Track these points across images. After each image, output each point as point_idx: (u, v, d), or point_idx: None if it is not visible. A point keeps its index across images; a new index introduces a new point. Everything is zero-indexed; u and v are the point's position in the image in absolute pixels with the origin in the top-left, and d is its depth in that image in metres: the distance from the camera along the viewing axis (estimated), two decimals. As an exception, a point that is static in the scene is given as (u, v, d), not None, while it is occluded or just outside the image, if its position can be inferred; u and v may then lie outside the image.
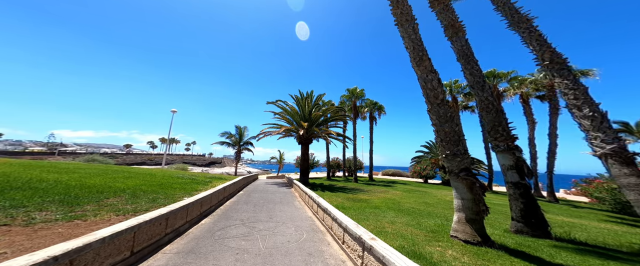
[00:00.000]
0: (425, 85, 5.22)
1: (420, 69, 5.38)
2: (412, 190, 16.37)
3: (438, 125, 4.74)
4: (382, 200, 10.43)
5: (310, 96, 17.35)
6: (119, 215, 4.67)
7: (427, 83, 5.16)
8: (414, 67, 5.60)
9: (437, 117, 4.76)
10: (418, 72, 5.45)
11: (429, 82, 5.12)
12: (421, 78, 5.34)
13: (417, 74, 5.59)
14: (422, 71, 5.34)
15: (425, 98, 5.20)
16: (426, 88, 5.16)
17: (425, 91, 5.18)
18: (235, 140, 29.50)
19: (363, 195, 12.19)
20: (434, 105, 4.87)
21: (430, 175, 23.22)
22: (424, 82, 5.26)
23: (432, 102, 4.94)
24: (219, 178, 13.14)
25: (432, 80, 5.11)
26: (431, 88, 5.04)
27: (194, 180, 10.38)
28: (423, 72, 5.30)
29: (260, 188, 13.18)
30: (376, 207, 8.45)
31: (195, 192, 7.94)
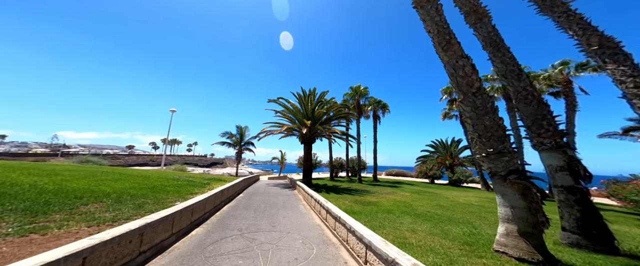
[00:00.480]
0: (454, 72, 4.38)
1: (447, 55, 4.54)
2: (420, 191, 15.48)
3: (474, 118, 3.90)
4: (393, 203, 9.58)
5: (313, 93, 16.52)
6: (92, 226, 3.87)
7: (457, 70, 4.32)
8: (439, 52, 4.76)
9: (473, 109, 3.92)
10: (445, 58, 4.61)
11: (460, 69, 4.28)
12: (449, 65, 4.50)
13: (443, 61, 4.75)
14: (450, 56, 4.50)
15: (455, 88, 4.35)
16: (456, 76, 4.32)
17: (456, 79, 4.34)
18: (236, 140, 28.73)
19: (371, 197, 11.33)
20: (468, 95, 4.03)
21: (437, 175, 22.31)
22: (453, 69, 4.41)
23: (465, 92, 4.10)
24: (218, 179, 12.34)
25: (464, 66, 4.27)
26: (463, 76, 4.20)
27: (191, 183, 9.57)
28: (451, 58, 4.47)
29: (262, 190, 12.36)
30: (388, 211, 7.61)
31: (191, 195, 7.13)
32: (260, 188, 13.00)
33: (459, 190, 17.34)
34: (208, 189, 8.43)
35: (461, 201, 11.56)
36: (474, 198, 12.82)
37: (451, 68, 4.47)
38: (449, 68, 4.55)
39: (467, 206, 9.82)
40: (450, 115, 24.31)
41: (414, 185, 19.73)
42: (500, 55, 5.67)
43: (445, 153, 24.05)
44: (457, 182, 20.92)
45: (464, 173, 20.42)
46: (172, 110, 21.86)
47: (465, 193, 15.52)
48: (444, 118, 24.60)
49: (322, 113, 15.48)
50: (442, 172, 22.32)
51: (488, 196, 14.81)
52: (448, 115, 24.34)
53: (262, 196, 9.95)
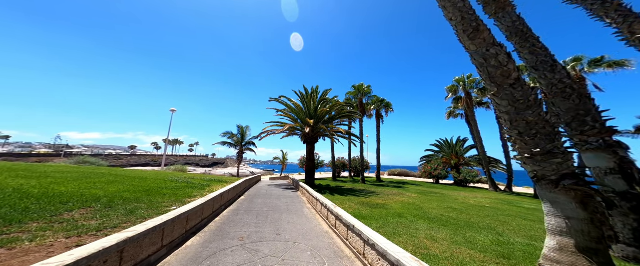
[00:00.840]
0: (485, 62, 3.82)
1: (475, 43, 3.98)
2: (427, 192, 14.89)
3: (512, 113, 3.34)
4: (402, 205, 9.02)
5: (315, 92, 15.98)
6: (72, 236, 3.36)
7: (488, 60, 3.76)
8: (465, 41, 4.20)
9: (510, 103, 3.36)
10: (472, 47, 4.05)
11: (492, 58, 3.72)
12: (478, 55, 3.94)
13: (469, 51, 4.18)
14: (478, 45, 3.94)
15: (487, 80, 3.80)
16: (488, 67, 3.76)
17: (487, 70, 3.78)
18: (237, 140, 28.25)
19: (377, 198, 10.77)
20: (505, 87, 3.47)
21: (443, 175, 21.70)
22: (483, 59, 3.85)
23: (500, 84, 3.54)
24: (219, 181, 11.83)
25: (497, 54, 3.71)
26: (496, 66, 3.64)
27: (190, 184, 9.06)
28: (480, 46, 3.91)
29: (264, 191, 11.84)
30: (400, 215, 7.05)
31: (189, 199, 6.62)
32: (262, 190, 12.48)
33: (466, 191, 16.74)
34: (207, 192, 7.92)
35: (472, 203, 10.98)
36: (485, 200, 12.23)
37: (480, 58, 3.90)
38: (477, 58, 3.98)
39: (481, 209, 9.24)
40: (455, 114, 23.69)
41: (419, 186, 19.15)
42: (529, 45, 5.08)
43: (450, 153, 23.43)
44: (463, 182, 20.31)
45: (471, 173, 19.80)
46: (172, 110, 21.42)
47: (474, 194, 14.91)
48: (449, 117, 23.98)
49: (325, 112, 14.94)
50: (447, 172, 21.70)
51: (498, 197, 14.21)
52: (453, 114, 23.72)
53: (264, 198, 9.42)
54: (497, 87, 3.60)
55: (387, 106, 24.35)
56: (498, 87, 3.59)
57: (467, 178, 19.81)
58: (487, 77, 3.77)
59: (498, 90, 3.59)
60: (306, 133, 15.32)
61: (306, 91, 16.19)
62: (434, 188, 17.99)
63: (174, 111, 21.50)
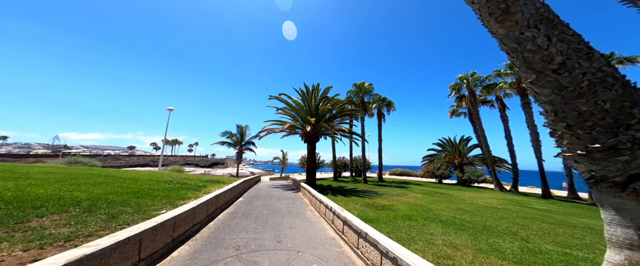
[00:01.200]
0: (518, 47, 3.26)
1: (505, 26, 3.42)
2: (432, 192, 14.37)
3: (557, 103, 2.81)
4: (409, 207, 8.49)
5: (316, 89, 15.44)
6: (31, 248, 2.80)
7: (523, 44, 3.20)
8: (491, 25, 3.63)
9: (555, 91, 2.83)
10: (501, 31, 3.49)
11: (527, 42, 3.17)
12: (510, 39, 3.39)
13: (496, 36, 3.62)
14: (509, 28, 3.38)
15: (522, 67, 3.25)
16: (522, 52, 3.21)
17: (521, 55, 3.23)
18: (236, 139, 27.65)
19: (382, 199, 10.24)
20: (546, 74, 2.93)
21: (446, 174, 21.18)
22: (516, 43, 3.30)
23: (540, 70, 3.00)
24: (217, 181, 11.26)
25: (534, 37, 3.15)
26: (534, 50, 3.09)
27: (185, 185, 8.49)
28: (512, 30, 3.35)
29: (263, 192, 11.27)
30: (409, 218, 6.52)
31: (182, 201, 6.07)
32: (261, 191, 11.91)
33: (471, 191, 16.23)
34: (203, 193, 7.36)
35: (481, 203, 10.46)
36: (494, 200, 11.72)
37: (513, 42, 3.34)
38: (509, 43, 3.42)
39: (492, 210, 8.72)
40: (458, 113, 23.20)
41: (423, 185, 18.63)
42: (558, 33, 4.53)
43: (453, 152, 22.93)
44: (467, 182, 19.81)
45: (475, 172, 19.30)
46: (170, 109, 20.83)
47: (480, 194, 14.40)
48: (452, 115, 23.50)
49: (326, 110, 14.39)
50: (450, 172, 21.20)
51: (506, 197, 13.70)
52: (456, 113, 23.23)
53: (264, 200, 8.85)
54: (536, 74, 3.05)
55: (388, 105, 23.84)
56: (537, 73, 3.04)
57: (472, 178, 19.31)
58: (522, 63, 3.22)
59: (537, 77, 3.04)
60: (307, 132, 14.76)
61: (307, 89, 15.66)
62: (438, 188, 17.47)
63: (171, 110, 20.91)
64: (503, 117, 19.10)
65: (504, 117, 19.07)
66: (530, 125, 15.97)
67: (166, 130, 20.58)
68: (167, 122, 20.82)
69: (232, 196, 8.15)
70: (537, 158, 15.29)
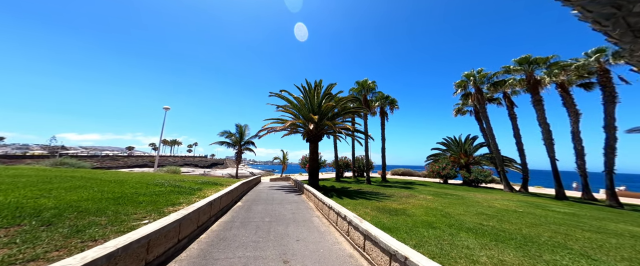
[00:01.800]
0: (617, 12, 2.41)
1: None
2: (440, 193, 13.55)
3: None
4: (425, 211, 7.66)
5: (319, 86, 14.59)
6: None
7: (626, 7, 2.35)
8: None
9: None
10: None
11: (632, 3, 2.31)
12: (602, 3, 2.53)
13: (577, 2, 2.78)
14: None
15: (623, 35, 2.40)
16: (626, 16, 2.36)
17: (623, 20, 2.38)
18: (235, 139, 26.74)
19: (392, 202, 9.40)
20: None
21: (451, 174, 20.38)
22: (615, 8, 2.44)
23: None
24: (214, 183, 10.36)
25: None
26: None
27: (178, 189, 7.60)
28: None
29: (264, 195, 10.38)
30: (430, 225, 5.68)
31: (171, 207, 5.19)
32: (262, 193, 11.02)
33: (481, 192, 15.43)
34: (197, 197, 6.48)
35: (499, 206, 9.64)
36: (510, 202, 10.91)
37: (609, 7, 2.49)
38: (599, 9, 2.57)
39: (517, 214, 7.89)
40: (463, 111, 22.44)
41: (429, 186, 17.81)
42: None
43: (458, 152, 22.15)
44: (475, 182, 19.02)
45: (482, 172, 18.52)
46: (166, 108, 19.90)
47: (492, 195, 13.61)
48: (457, 114, 22.73)
49: (330, 107, 13.53)
50: (456, 172, 20.40)
51: (519, 198, 12.91)
52: (461, 111, 22.47)
53: (265, 204, 7.96)
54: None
55: (392, 103, 23.02)
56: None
57: (479, 178, 18.52)
58: (624, 30, 2.37)
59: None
60: (309, 130, 13.90)
61: (308, 85, 14.79)
62: (445, 188, 16.66)
63: (167, 109, 19.99)
64: (511, 115, 18.34)
65: (512, 115, 18.31)
66: (542, 122, 15.20)
67: (162, 129, 19.64)
68: (163, 121, 19.88)
69: (229, 201, 7.27)
70: (550, 157, 14.53)
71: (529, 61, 16.20)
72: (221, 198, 6.30)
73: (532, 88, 15.78)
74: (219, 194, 6.43)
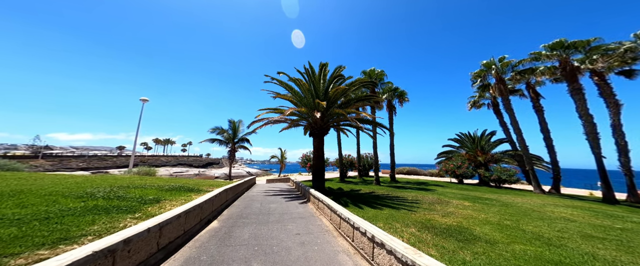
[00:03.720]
0: None
1: None
2: (472, 196, 11.02)
3: None
4: (492, 228, 5.10)
5: (325, 66, 11.80)
6: None
7: None
8: None
9: None
10: None
11: None
12: None
13: None
14: None
15: None
16: None
17: None
18: (228, 136, 23.72)
19: (429, 212, 6.80)
20: None
21: (468, 174, 17.96)
22: None
23: None
24: (188, 189, 7.49)
25: None
26: None
27: (111, 203, 4.73)
28: None
29: (257, 205, 7.56)
30: (538, 259, 3.04)
31: (48, 250, 2.37)
32: (254, 202, 8.18)
33: (510, 193, 12.99)
34: (144, 217, 3.67)
35: (564, 215, 7.16)
36: (565, 209, 8.45)
37: None
38: None
39: (615, 231, 5.36)
40: (479, 104, 20.08)
41: (446, 186, 15.36)
42: None
43: (474, 149, 19.78)
44: (497, 182, 16.63)
45: (506, 171, 16.16)
46: (143, 100, 16.80)
47: (530, 199, 11.18)
48: (472, 107, 20.36)
49: (340, 92, 10.76)
50: (474, 171, 17.99)
51: (567, 203, 10.49)
52: (476, 104, 20.10)
53: (255, 225, 5.13)
54: None
55: (401, 95, 20.45)
56: None
57: (502, 178, 16.14)
58: None
59: None
60: (314, 121, 11.17)
61: (311, 68, 11.96)
62: (468, 190, 14.20)
63: (146, 101, 16.90)
64: (537, 108, 16.03)
65: (538, 107, 16.00)
66: (583, 114, 12.88)
67: (139, 123, 16.53)
68: (140, 114, 16.77)
69: (197, 220, 4.45)
70: (595, 154, 12.21)
71: (563, 45, 13.85)
72: (180, 221, 3.48)
73: (569, 76, 13.45)
74: (192, 204, 3.66)
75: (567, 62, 13.65)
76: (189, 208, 4.10)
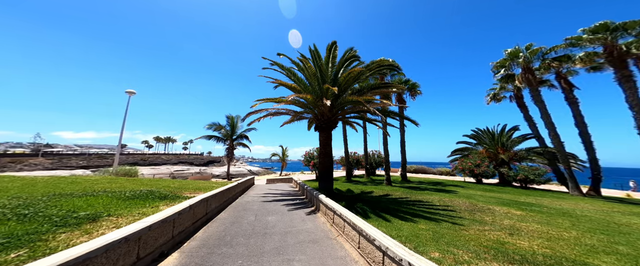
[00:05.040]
0: None
1: None
2: (511, 201, 9.11)
3: None
4: (613, 259, 3.13)
5: (334, 47, 9.79)
6: None
7: None
8: None
9: None
10: None
11: None
12: None
13: None
14: None
15: None
16: None
17: None
18: (226, 132, 21.87)
19: (476, 225, 4.92)
20: None
21: (489, 173, 15.98)
22: None
23: None
24: (162, 197, 5.63)
25: None
26: None
27: (31, 222, 2.85)
28: None
29: (249, 218, 5.66)
30: None
31: None
32: (247, 214, 6.27)
33: (546, 196, 11.06)
34: (61, 247, 1.78)
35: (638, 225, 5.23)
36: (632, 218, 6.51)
37: None
38: None
39: None
40: (499, 97, 18.04)
41: (467, 187, 13.45)
42: None
43: (494, 145, 17.78)
44: (522, 182, 14.68)
45: (534, 170, 14.20)
46: (130, 92, 14.94)
47: (577, 203, 9.27)
48: (491, 101, 18.33)
49: (353, 76, 8.79)
50: (495, 169, 16.01)
51: (626, 208, 8.59)
52: (497, 97, 18.06)
53: (243, 259, 3.25)
54: None
55: (412, 88, 18.46)
56: None
57: (530, 178, 14.18)
58: None
59: None
60: (322, 113, 9.27)
61: (316, 50, 9.91)
62: (493, 191, 12.28)
63: (133, 93, 15.03)
64: (570, 100, 13.99)
65: (572, 99, 13.95)
66: (634, 104, 10.87)
67: (125, 115, 14.70)
68: (126, 107, 14.92)
69: (128, 262, 2.57)
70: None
71: (608, 28, 11.79)
72: (143, 238, 1.60)
73: (616, 62, 11.42)
74: (140, 226, 1.75)
75: (613, 46, 11.61)
76: (118, 238, 2.23)
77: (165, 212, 3.47)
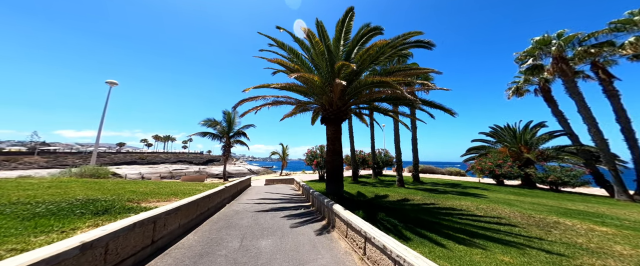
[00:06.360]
0: None
1: None
2: (557, 208, 7.27)
3: None
4: None
5: (349, 15, 7.85)
6: None
7: None
8: None
9: None
10: None
11: None
12: None
13: None
14: None
15: None
16: None
17: None
18: (222, 129, 20.02)
19: (566, 250, 3.01)
20: None
21: (513, 174, 14.13)
22: None
23: None
24: (102, 211, 3.80)
25: None
26: None
27: None
28: None
29: (234, 238, 3.81)
30: None
31: None
32: (230, 236, 4.39)
33: (595, 202, 9.24)
34: None
35: None
36: None
37: None
38: None
39: None
40: (522, 91, 16.20)
41: (491, 190, 11.64)
42: None
43: (516, 144, 15.94)
44: (553, 185, 12.85)
45: (568, 172, 12.38)
46: (111, 83, 13.09)
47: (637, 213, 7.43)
48: (513, 94, 16.50)
49: (373, 52, 6.94)
50: (520, 170, 14.15)
51: None
52: (519, 91, 16.22)
53: None
54: None
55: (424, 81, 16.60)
56: None
57: (563, 180, 12.35)
58: None
59: None
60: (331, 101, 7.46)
61: (322, 26, 7.94)
62: (525, 195, 10.44)
63: (114, 84, 13.19)
64: (610, 92, 12.14)
65: (612, 92, 12.11)
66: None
67: (105, 108, 12.85)
68: (106, 99, 13.05)
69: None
70: None
71: None
72: None
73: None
74: None
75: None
76: None
77: (49, 249, 1.62)
